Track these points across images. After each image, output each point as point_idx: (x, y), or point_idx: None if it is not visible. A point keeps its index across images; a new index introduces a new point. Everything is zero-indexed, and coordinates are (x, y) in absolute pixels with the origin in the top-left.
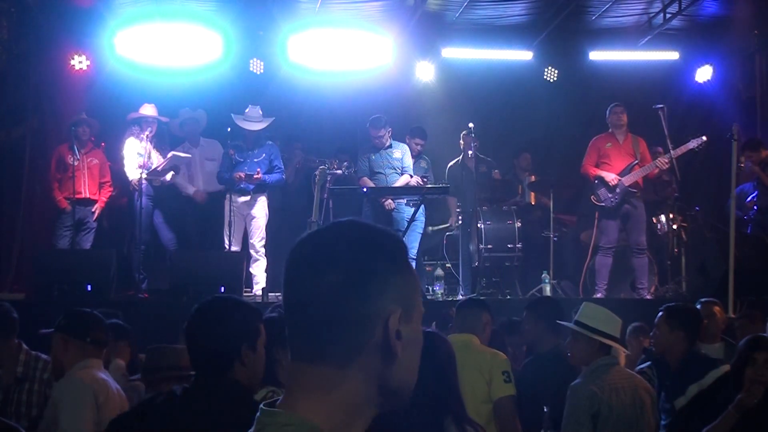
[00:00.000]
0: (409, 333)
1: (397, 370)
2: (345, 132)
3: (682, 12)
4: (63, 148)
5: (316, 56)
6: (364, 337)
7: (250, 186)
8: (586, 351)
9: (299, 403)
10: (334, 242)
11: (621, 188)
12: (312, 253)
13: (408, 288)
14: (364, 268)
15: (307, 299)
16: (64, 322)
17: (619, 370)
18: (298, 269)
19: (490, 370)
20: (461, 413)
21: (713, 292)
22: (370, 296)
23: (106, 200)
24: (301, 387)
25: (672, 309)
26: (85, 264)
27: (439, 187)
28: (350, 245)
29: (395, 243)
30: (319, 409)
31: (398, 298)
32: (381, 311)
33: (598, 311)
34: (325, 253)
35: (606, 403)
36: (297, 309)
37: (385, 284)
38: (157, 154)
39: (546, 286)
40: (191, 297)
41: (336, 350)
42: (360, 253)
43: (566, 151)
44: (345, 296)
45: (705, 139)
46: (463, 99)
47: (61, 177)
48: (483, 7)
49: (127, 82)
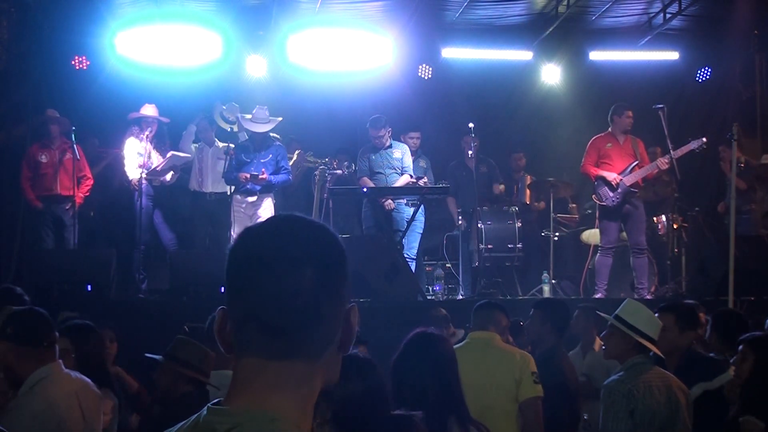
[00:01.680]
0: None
1: (339, 361)
2: (345, 132)
3: (682, 12)
4: (34, 147)
5: (316, 56)
6: (334, 333)
7: (257, 187)
8: (620, 347)
9: (272, 399)
10: (304, 237)
11: (622, 188)
12: (284, 248)
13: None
14: (337, 267)
15: (288, 296)
16: (12, 329)
17: (655, 370)
18: (272, 265)
19: (521, 370)
20: (464, 413)
21: (713, 292)
22: (341, 293)
23: (84, 195)
24: (274, 384)
25: (683, 311)
26: (85, 264)
27: (439, 187)
28: (321, 240)
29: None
30: (291, 404)
31: (349, 294)
32: (345, 307)
33: (639, 309)
34: (300, 249)
35: (641, 400)
36: (275, 306)
37: (347, 280)
38: (157, 154)
39: (546, 286)
40: (191, 297)
41: (312, 346)
42: (334, 251)
43: (566, 151)
44: (322, 294)
45: (705, 140)
46: (463, 99)
47: (34, 176)
48: (483, 7)
49: (127, 82)
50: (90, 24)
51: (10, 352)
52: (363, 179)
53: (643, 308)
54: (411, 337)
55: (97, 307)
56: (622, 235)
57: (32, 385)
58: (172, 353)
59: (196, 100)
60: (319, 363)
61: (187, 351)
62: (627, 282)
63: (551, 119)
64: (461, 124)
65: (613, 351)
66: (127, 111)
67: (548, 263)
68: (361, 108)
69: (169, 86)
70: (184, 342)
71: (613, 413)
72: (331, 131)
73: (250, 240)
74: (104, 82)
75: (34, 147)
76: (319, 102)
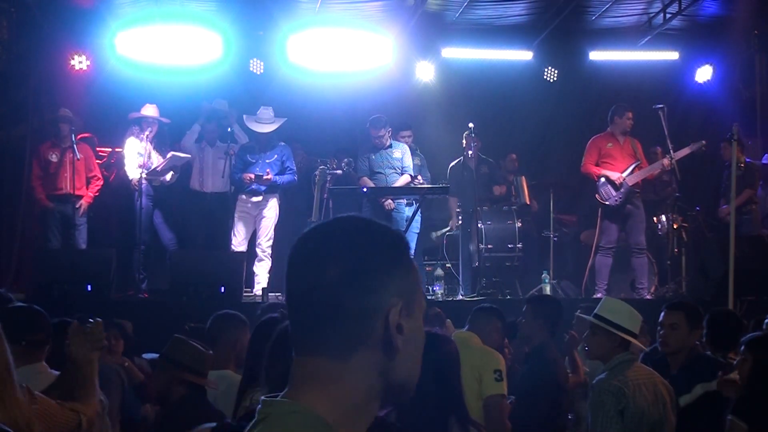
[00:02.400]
0: (410, 327)
1: (400, 364)
2: (345, 132)
3: (682, 12)
4: (44, 146)
5: (316, 56)
6: (365, 330)
7: (262, 187)
8: (605, 346)
9: (301, 394)
10: (336, 236)
11: (625, 188)
12: (314, 247)
13: (409, 282)
14: (365, 262)
15: (309, 292)
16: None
17: (640, 367)
18: (300, 263)
19: (480, 368)
20: (464, 413)
21: (713, 292)
22: (371, 290)
23: (94, 195)
24: (303, 379)
25: (691, 309)
26: (85, 264)
27: (439, 187)
28: (351, 239)
29: (396, 238)
30: (320, 400)
31: (399, 292)
32: (381, 305)
33: (619, 306)
34: (326, 247)
35: (631, 399)
36: (299, 302)
37: (385, 278)
38: (157, 154)
39: (546, 286)
40: (191, 297)
41: (336, 343)
42: (361, 247)
43: (566, 151)
44: (345, 289)
45: (705, 143)
46: (463, 99)
47: (43, 175)
48: (483, 7)
49: (127, 82)
50: (90, 24)
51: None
52: (363, 179)
53: (622, 304)
54: None
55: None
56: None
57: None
58: (168, 354)
59: (196, 100)
60: (350, 363)
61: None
62: (627, 282)
63: (551, 119)
64: (461, 124)
65: (597, 351)
66: (127, 111)
67: (548, 263)
68: (361, 108)
69: (170, 86)
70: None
71: (603, 413)
72: (331, 131)
73: (296, 241)
74: (104, 82)
75: (45, 145)
76: (319, 102)
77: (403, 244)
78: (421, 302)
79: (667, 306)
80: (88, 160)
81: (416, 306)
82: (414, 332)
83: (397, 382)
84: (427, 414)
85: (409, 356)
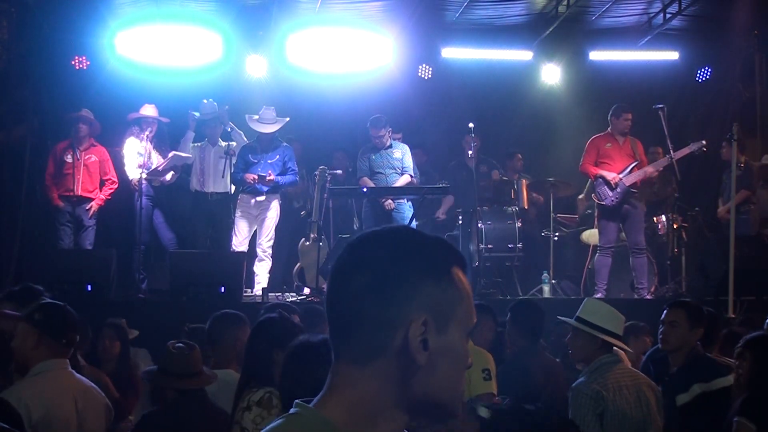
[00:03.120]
0: (440, 344)
1: (422, 379)
2: (345, 132)
3: (682, 12)
4: (60, 145)
5: (317, 57)
6: (384, 340)
7: (264, 187)
8: (586, 348)
9: (322, 397)
10: (372, 245)
11: (622, 188)
12: (349, 255)
13: (445, 297)
14: (391, 272)
15: (337, 298)
16: (41, 316)
17: (622, 369)
18: (336, 270)
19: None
20: None
21: (713, 292)
22: (394, 300)
23: (106, 198)
24: (330, 383)
25: (692, 307)
26: (85, 264)
27: (439, 187)
28: (387, 249)
29: (440, 252)
30: (335, 405)
31: (429, 307)
32: (404, 317)
33: (600, 307)
34: (360, 256)
35: (611, 402)
36: (330, 308)
37: (412, 291)
38: (157, 154)
39: (546, 286)
40: (191, 297)
41: (356, 349)
42: (391, 257)
43: (566, 151)
44: (368, 297)
45: (705, 143)
46: (463, 99)
47: (57, 174)
48: (483, 7)
49: (127, 82)
50: (90, 24)
51: (31, 337)
52: (363, 179)
53: (603, 305)
54: None
55: (97, 307)
56: (621, 236)
57: (35, 373)
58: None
59: (196, 101)
60: (367, 370)
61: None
62: (627, 282)
63: (551, 119)
64: (461, 124)
65: (579, 353)
66: (127, 111)
67: (548, 263)
68: (361, 108)
69: (169, 86)
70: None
71: (581, 417)
72: (331, 131)
73: (342, 250)
74: (104, 82)
75: (61, 145)
76: (320, 102)
77: (445, 257)
78: (464, 319)
79: (669, 304)
80: (104, 163)
81: (453, 322)
82: (445, 350)
83: (425, 397)
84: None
85: (441, 374)
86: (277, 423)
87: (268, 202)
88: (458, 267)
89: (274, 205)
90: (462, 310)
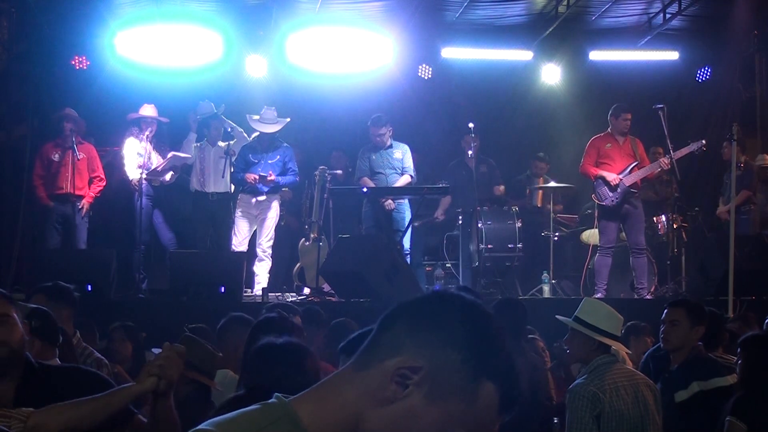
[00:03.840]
0: (415, 404)
1: (382, 417)
2: (345, 132)
3: (682, 12)
4: (48, 145)
5: (317, 57)
6: (373, 358)
7: (265, 187)
8: (583, 348)
9: (307, 392)
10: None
11: (622, 188)
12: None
13: (455, 379)
14: (422, 320)
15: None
16: (38, 323)
17: (620, 369)
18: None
19: None
20: None
21: (713, 292)
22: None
23: (95, 195)
24: (323, 380)
25: (693, 305)
26: (85, 264)
27: (439, 187)
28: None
29: (476, 328)
30: (311, 404)
31: (428, 359)
32: (407, 351)
33: (598, 307)
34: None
35: (608, 403)
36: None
37: (423, 337)
38: (156, 155)
39: (546, 286)
40: (191, 297)
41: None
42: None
43: (566, 151)
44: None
45: (704, 142)
46: (463, 99)
47: (45, 174)
48: (483, 7)
49: (127, 82)
50: (90, 24)
51: (33, 345)
52: (363, 179)
53: (601, 306)
54: None
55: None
56: (621, 236)
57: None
58: None
59: (196, 101)
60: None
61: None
62: (627, 282)
63: (551, 119)
64: (461, 124)
65: (576, 353)
66: (127, 111)
67: (548, 263)
68: (361, 108)
69: (169, 86)
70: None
71: (578, 419)
72: (331, 131)
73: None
74: (104, 82)
75: (48, 145)
76: (320, 102)
77: (478, 343)
78: (461, 419)
79: (669, 303)
80: (92, 161)
81: (450, 397)
82: (417, 417)
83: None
84: None
85: (396, 423)
86: (252, 408)
87: (268, 202)
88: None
89: (275, 205)
90: (473, 413)
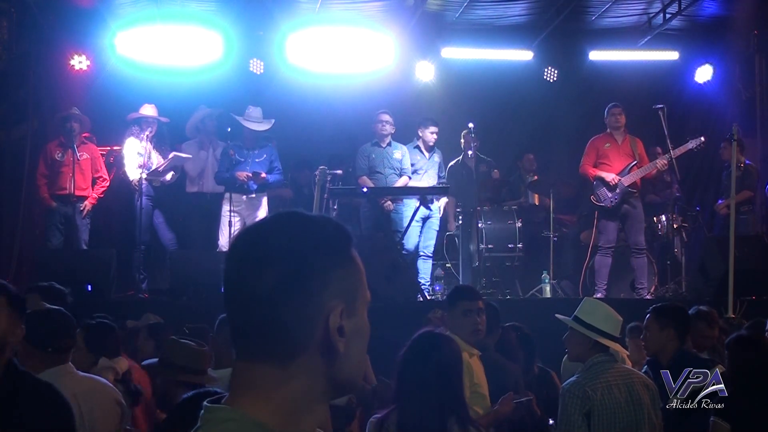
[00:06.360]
0: (352, 326)
1: (343, 364)
2: (345, 133)
3: (682, 12)
4: (52, 144)
5: (317, 57)
6: (305, 337)
7: (254, 186)
8: (580, 347)
9: (242, 400)
10: (273, 237)
11: (620, 188)
12: (251, 249)
13: (351, 280)
14: (301, 265)
15: (248, 298)
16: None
17: (617, 368)
18: (237, 266)
19: None
20: (465, 414)
21: (713, 292)
22: (311, 294)
23: (99, 196)
24: (245, 385)
25: (659, 308)
26: (85, 264)
27: (439, 188)
28: (289, 240)
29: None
30: (262, 406)
31: (340, 293)
32: (321, 309)
33: (597, 308)
34: (263, 250)
35: (598, 401)
36: (238, 309)
37: (325, 280)
38: (156, 155)
39: (546, 286)
40: (191, 297)
41: (278, 349)
42: (298, 249)
43: (566, 151)
44: (283, 296)
45: (703, 139)
46: (463, 99)
47: (49, 174)
48: (483, 7)
49: (127, 82)
50: (90, 24)
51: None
52: (362, 179)
53: (600, 306)
54: (417, 336)
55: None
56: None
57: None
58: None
59: (196, 100)
60: (291, 369)
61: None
62: (627, 282)
63: (551, 119)
64: (461, 124)
65: (574, 352)
66: (127, 111)
67: (548, 263)
68: (361, 108)
69: (170, 86)
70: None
71: (567, 416)
72: (331, 132)
73: (235, 241)
74: (104, 82)
75: (52, 144)
76: (320, 102)
77: (343, 240)
78: (365, 297)
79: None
80: (95, 161)
81: (359, 303)
82: (357, 330)
83: (342, 381)
84: (427, 414)
85: (353, 355)
86: (202, 428)
87: (258, 200)
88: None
89: (264, 202)
90: (363, 288)
